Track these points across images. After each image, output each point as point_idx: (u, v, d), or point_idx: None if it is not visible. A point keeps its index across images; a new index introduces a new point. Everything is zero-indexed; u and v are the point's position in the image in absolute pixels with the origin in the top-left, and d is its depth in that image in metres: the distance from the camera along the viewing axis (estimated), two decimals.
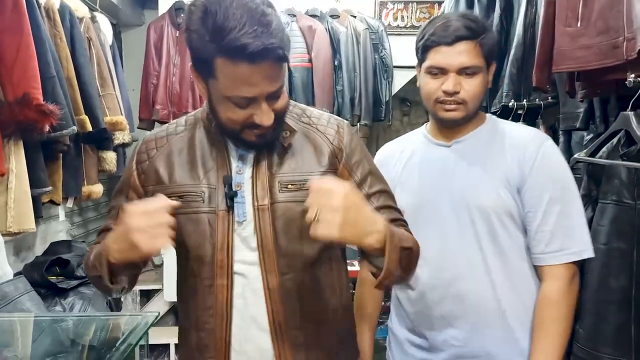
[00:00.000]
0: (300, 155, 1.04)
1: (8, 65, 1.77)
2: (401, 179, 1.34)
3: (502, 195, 1.22)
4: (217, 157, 1.02)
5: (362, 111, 3.21)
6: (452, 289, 1.25)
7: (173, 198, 0.97)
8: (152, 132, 1.11)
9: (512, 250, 1.24)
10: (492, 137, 1.28)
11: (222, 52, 0.86)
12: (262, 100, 0.92)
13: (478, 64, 1.22)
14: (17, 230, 1.80)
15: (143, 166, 1.05)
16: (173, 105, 3.09)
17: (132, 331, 1.11)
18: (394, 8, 3.39)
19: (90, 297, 2.25)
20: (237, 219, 0.99)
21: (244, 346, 1.00)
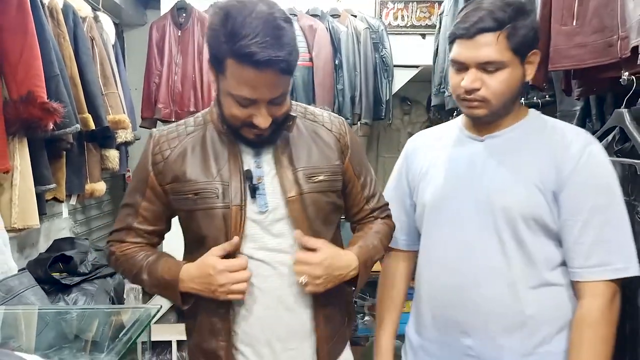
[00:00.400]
0: (315, 148, 1.15)
1: (12, 64, 1.80)
2: (428, 172, 1.26)
3: (533, 198, 1.11)
4: (229, 155, 1.10)
5: (362, 110, 3.23)
6: (470, 295, 1.15)
7: (189, 195, 1.08)
8: (161, 133, 1.16)
9: (541, 259, 1.13)
10: (531, 134, 1.16)
11: (233, 55, 0.95)
12: (263, 104, 1.01)
13: (501, 58, 1.08)
14: (21, 227, 1.83)
15: (159, 167, 1.12)
16: (175, 104, 3.12)
17: (135, 323, 1.13)
18: (394, 7, 3.41)
19: (93, 293, 2.27)
20: (259, 209, 1.09)
21: (273, 326, 1.11)
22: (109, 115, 2.58)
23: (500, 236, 1.13)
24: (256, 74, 0.95)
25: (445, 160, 1.24)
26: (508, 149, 1.16)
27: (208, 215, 1.07)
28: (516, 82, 1.12)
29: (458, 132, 1.25)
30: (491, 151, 1.18)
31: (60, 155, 2.21)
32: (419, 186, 1.27)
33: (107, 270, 2.47)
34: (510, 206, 1.12)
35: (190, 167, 1.09)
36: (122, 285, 2.58)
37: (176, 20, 3.15)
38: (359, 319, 2.96)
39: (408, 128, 4.25)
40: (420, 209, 1.27)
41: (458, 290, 1.17)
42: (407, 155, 1.34)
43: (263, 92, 0.99)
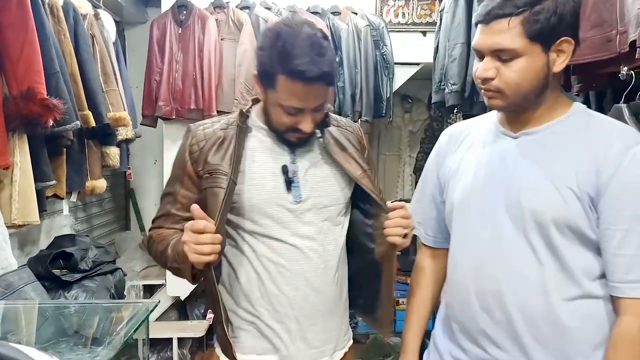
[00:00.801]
0: (345, 147, 1.28)
1: (13, 60, 1.80)
2: (459, 168, 1.18)
3: (567, 202, 1.01)
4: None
5: (362, 107, 3.23)
6: (499, 303, 1.07)
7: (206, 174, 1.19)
8: (198, 127, 1.26)
9: (578, 269, 1.03)
10: (571, 132, 1.05)
11: (285, 72, 1.10)
12: (308, 111, 1.16)
13: (514, 46, 0.99)
14: (21, 223, 1.84)
15: (194, 156, 1.23)
16: (176, 101, 3.12)
17: (132, 318, 1.14)
18: (395, 5, 3.41)
19: (93, 290, 2.28)
20: (294, 200, 1.21)
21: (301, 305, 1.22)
22: (109, 112, 2.58)
23: (531, 242, 1.05)
24: (305, 88, 1.11)
25: (476, 156, 1.16)
26: (543, 148, 1.06)
27: (213, 194, 1.17)
28: (535, 72, 1.01)
29: (492, 127, 1.16)
30: (525, 149, 1.08)
31: (61, 152, 2.22)
32: (449, 183, 1.20)
33: (108, 267, 2.48)
34: (542, 210, 1.03)
35: (216, 154, 1.21)
36: (123, 283, 2.59)
37: (177, 17, 3.16)
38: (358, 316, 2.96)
39: (409, 126, 4.25)
40: (449, 208, 1.20)
41: (487, 297, 1.09)
42: (439, 150, 1.28)
43: (309, 102, 1.14)
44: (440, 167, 1.25)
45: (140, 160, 3.91)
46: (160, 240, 1.22)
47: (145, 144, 3.63)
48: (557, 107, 1.08)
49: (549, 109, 1.07)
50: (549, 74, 1.02)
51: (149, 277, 3.59)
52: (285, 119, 1.17)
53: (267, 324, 1.23)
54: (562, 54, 1.02)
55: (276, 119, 1.19)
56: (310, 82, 1.10)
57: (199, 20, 3.11)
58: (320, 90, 1.14)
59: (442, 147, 1.27)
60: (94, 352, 1.04)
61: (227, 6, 3.19)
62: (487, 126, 1.18)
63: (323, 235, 1.24)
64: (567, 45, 1.01)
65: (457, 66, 2.39)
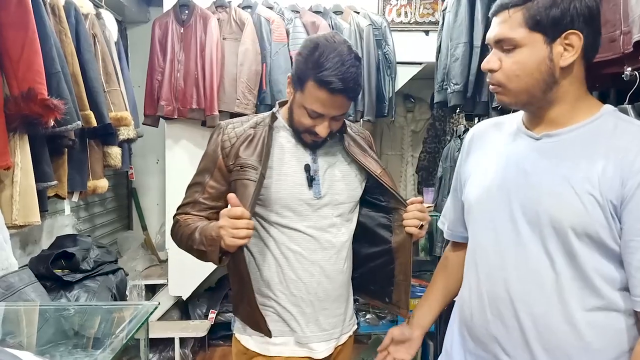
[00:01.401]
0: (365, 148, 1.42)
1: (13, 60, 1.80)
2: (478, 167, 1.16)
3: (588, 209, 0.95)
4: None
5: (365, 107, 3.21)
6: (511, 310, 1.04)
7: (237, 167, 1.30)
8: (229, 125, 1.38)
9: (598, 279, 0.98)
10: (597, 135, 0.99)
11: (315, 79, 1.23)
12: (327, 118, 1.28)
13: (513, 35, 0.98)
14: (22, 223, 1.83)
15: (226, 150, 1.34)
16: (177, 101, 3.12)
17: (132, 320, 1.13)
18: (398, 4, 3.40)
19: (95, 290, 2.28)
20: (315, 196, 1.33)
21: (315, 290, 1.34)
22: (111, 112, 2.58)
23: (548, 248, 1.00)
24: (329, 97, 1.23)
25: (496, 156, 1.12)
26: (565, 151, 1.01)
27: (243, 185, 1.28)
28: (536, 64, 0.98)
29: (516, 127, 1.12)
30: (546, 151, 1.03)
31: (62, 152, 2.22)
32: (467, 182, 1.19)
33: (110, 267, 2.48)
34: (560, 216, 0.98)
35: (247, 150, 1.32)
36: (125, 283, 2.59)
37: (179, 17, 3.15)
38: (361, 316, 2.96)
39: (411, 125, 4.24)
40: (467, 207, 1.18)
41: (499, 303, 1.06)
42: (463, 148, 1.27)
43: (330, 110, 1.27)
44: (463, 165, 1.24)
45: (142, 160, 3.91)
46: (187, 224, 1.31)
47: (147, 143, 3.63)
48: (582, 108, 1.03)
49: (572, 110, 1.02)
50: (553, 68, 0.98)
51: (151, 276, 3.60)
52: (305, 120, 1.29)
53: (285, 307, 1.34)
54: (570, 48, 0.97)
55: (297, 119, 1.31)
56: (333, 93, 1.23)
57: (201, 19, 3.11)
58: (341, 102, 1.26)
59: (465, 146, 1.25)
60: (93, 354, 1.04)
61: (229, 5, 3.18)
62: (511, 126, 1.14)
63: (336, 228, 1.36)
64: (575, 38, 0.96)
65: (459, 66, 2.38)
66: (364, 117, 3.23)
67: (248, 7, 3.23)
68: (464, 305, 1.18)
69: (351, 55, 1.24)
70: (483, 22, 2.26)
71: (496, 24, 1.02)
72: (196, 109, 3.10)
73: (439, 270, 1.37)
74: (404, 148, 4.27)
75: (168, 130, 3.32)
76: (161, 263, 3.73)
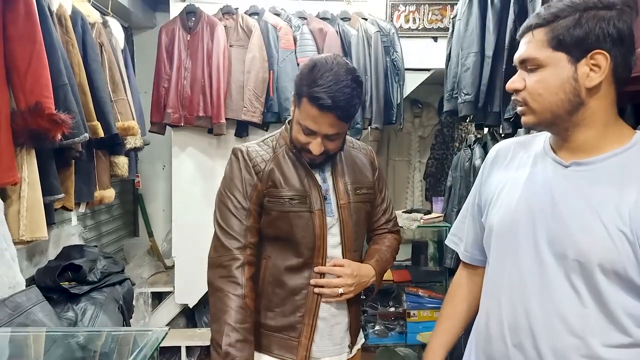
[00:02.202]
0: (359, 169, 1.50)
1: (21, 74, 1.78)
2: (502, 191, 1.12)
3: (617, 246, 0.92)
4: (306, 171, 1.40)
5: (372, 115, 3.18)
6: (533, 343, 1.01)
7: (286, 199, 1.37)
8: (250, 150, 1.42)
9: (624, 316, 0.95)
10: (630, 166, 0.96)
11: (308, 96, 1.27)
12: (320, 136, 1.31)
13: (537, 55, 0.98)
14: (29, 239, 1.81)
15: (259, 175, 1.39)
16: (184, 108, 3.10)
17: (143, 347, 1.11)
18: (406, 10, 3.36)
19: (102, 302, 2.26)
20: (327, 215, 1.40)
21: (331, 304, 1.43)
22: (118, 122, 2.56)
23: (573, 283, 0.97)
24: (319, 114, 1.27)
25: (522, 181, 1.08)
26: (596, 182, 0.97)
27: (299, 216, 1.37)
28: (560, 83, 0.96)
29: (543, 151, 1.08)
30: (575, 181, 0.99)
31: (69, 164, 2.20)
32: (490, 205, 1.15)
33: (117, 278, 2.46)
34: (587, 252, 0.94)
35: (282, 177, 1.39)
36: (131, 293, 2.57)
37: (185, 24, 3.13)
38: (369, 327, 2.93)
39: (419, 131, 4.21)
40: (488, 231, 1.14)
41: (520, 332, 1.03)
42: (485, 166, 1.22)
43: (321, 127, 1.29)
44: (484, 184, 1.20)
45: (148, 166, 3.90)
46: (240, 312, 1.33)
47: (154, 149, 3.61)
48: (611, 134, 0.99)
49: (601, 136, 0.99)
50: (578, 88, 0.96)
51: (157, 283, 3.58)
52: (300, 137, 1.34)
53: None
54: (597, 69, 0.95)
55: (294, 135, 1.36)
56: (322, 110, 1.26)
57: (208, 26, 3.08)
58: (332, 121, 1.28)
59: (487, 164, 1.21)
60: None
61: (236, 12, 3.16)
62: (538, 149, 1.10)
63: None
64: (602, 59, 0.94)
65: (470, 76, 2.35)
66: (372, 125, 3.20)
67: (255, 14, 3.20)
68: (481, 331, 1.15)
69: (348, 77, 1.27)
70: (495, 32, 2.22)
71: (521, 45, 1.03)
72: (203, 117, 3.08)
73: (453, 297, 1.31)
74: (411, 154, 4.23)
75: (175, 137, 3.30)
76: (167, 270, 3.71)
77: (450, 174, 3.05)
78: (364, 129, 3.22)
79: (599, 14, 0.94)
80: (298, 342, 1.40)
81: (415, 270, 3.25)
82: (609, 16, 0.94)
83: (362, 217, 1.49)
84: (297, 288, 1.40)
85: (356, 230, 1.46)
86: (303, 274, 1.40)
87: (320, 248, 1.39)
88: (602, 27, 0.94)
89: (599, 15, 0.94)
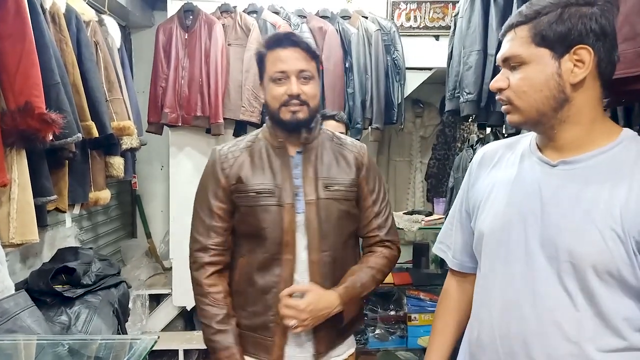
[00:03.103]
0: (336, 165, 1.45)
1: (10, 73, 1.73)
2: (490, 194, 1.10)
3: (609, 246, 0.90)
4: (282, 166, 1.40)
5: (373, 114, 3.14)
6: (526, 349, 0.99)
7: (252, 193, 1.38)
8: (224, 149, 1.46)
9: (619, 319, 0.93)
10: (618, 163, 0.95)
11: (268, 48, 1.37)
12: (293, 75, 1.34)
13: (519, 52, 0.97)
14: (19, 242, 1.77)
15: (225, 172, 1.42)
16: (182, 108, 3.05)
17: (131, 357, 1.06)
18: (407, 8, 3.31)
19: (96, 305, 2.21)
20: (297, 211, 1.38)
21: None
22: (113, 122, 2.51)
23: (566, 286, 0.95)
24: (283, 52, 1.34)
25: (510, 183, 1.06)
26: (585, 181, 0.96)
27: (266, 211, 1.37)
28: (544, 80, 0.96)
29: (530, 151, 1.06)
30: (564, 181, 0.98)
31: (62, 165, 2.15)
32: (478, 209, 1.12)
33: (112, 281, 2.41)
34: (580, 253, 0.93)
35: (251, 172, 1.40)
36: (127, 296, 2.52)
37: (183, 22, 3.09)
38: (369, 331, 2.88)
39: (420, 131, 4.16)
40: (478, 236, 1.12)
41: (513, 342, 1.01)
42: (471, 171, 1.20)
43: (290, 63, 1.33)
44: (471, 189, 1.18)
45: (146, 166, 3.85)
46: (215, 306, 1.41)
47: (151, 149, 3.57)
48: (598, 131, 0.98)
49: (588, 133, 0.98)
50: (563, 84, 0.95)
51: (155, 285, 3.53)
52: (276, 90, 1.35)
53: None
54: (581, 64, 0.94)
55: (271, 98, 1.37)
56: (285, 46, 1.34)
57: (206, 25, 3.04)
58: (297, 54, 1.34)
59: (474, 168, 1.19)
60: None
61: (235, 11, 3.11)
62: (524, 150, 1.08)
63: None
64: (585, 54, 0.94)
65: (472, 74, 2.29)
66: (373, 125, 3.16)
67: (254, 13, 3.16)
68: (473, 340, 1.12)
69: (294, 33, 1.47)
70: (498, 29, 2.17)
71: (504, 44, 1.02)
72: (201, 117, 3.03)
73: (444, 308, 1.27)
74: (412, 154, 4.18)
75: (172, 137, 3.26)
76: (165, 271, 3.66)
77: (452, 175, 3.00)
78: (365, 129, 3.18)
79: (581, 10, 0.94)
80: (272, 342, 1.39)
81: (416, 272, 3.21)
82: (591, 12, 0.93)
83: (336, 215, 1.41)
84: (267, 287, 1.38)
85: (327, 228, 1.39)
86: (273, 272, 1.37)
87: (289, 244, 1.36)
88: (584, 22, 0.93)
89: (581, 11, 0.94)
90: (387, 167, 4.19)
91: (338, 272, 1.43)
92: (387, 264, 1.49)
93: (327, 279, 1.39)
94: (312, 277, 1.38)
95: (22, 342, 1.31)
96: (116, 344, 1.29)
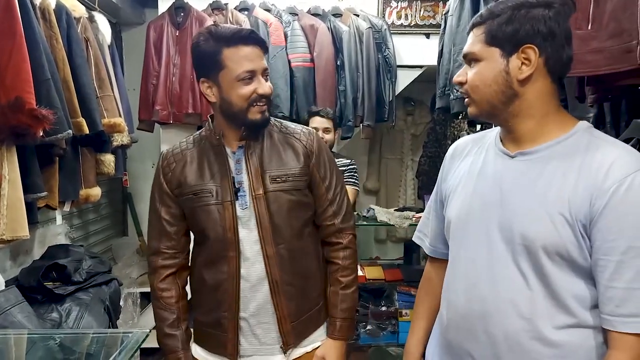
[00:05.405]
0: (283, 155, 1.40)
1: (0, 68, 1.72)
2: (458, 185, 1.18)
3: (558, 229, 0.98)
4: (219, 164, 1.38)
5: (364, 112, 3.15)
6: (486, 327, 1.07)
7: (190, 194, 1.37)
8: (168, 152, 1.45)
9: (569, 297, 1.00)
10: (570, 153, 1.02)
11: (228, 45, 1.28)
12: (259, 73, 1.31)
13: (474, 50, 1.05)
14: (10, 238, 1.76)
15: (167, 177, 1.41)
16: (173, 105, 3.05)
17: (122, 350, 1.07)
18: (398, 6, 3.33)
19: (87, 302, 2.20)
20: (241, 207, 1.36)
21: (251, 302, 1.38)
22: (104, 118, 2.50)
23: (521, 268, 1.02)
24: (248, 49, 1.29)
25: (476, 173, 1.14)
26: (539, 170, 1.03)
27: (205, 211, 1.36)
28: (493, 76, 1.03)
29: (494, 144, 1.14)
30: (521, 170, 1.05)
31: (53, 161, 2.14)
32: (448, 199, 1.21)
33: (103, 278, 2.41)
34: (531, 236, 1.00)
35: (191, 174, 1.38)
36: (118, 293, 2.51)
37: (174, 19, 3.08)
38: (360, 327, 2.90)
39: (411, 129, 4.18)
40: (447, 224, 1.20)
41: (474, 319, 1.08)
42: (444, 164, 1.28)
43: (257, 63, 1.30)
44: (444, 180, 1.26)
45: (138, 164, 3.84)
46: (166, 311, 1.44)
47: (143, 147, 3.55)
48: (552, 123, 1.05)
49: (542, 127, 1.05)
50: (510, 80, 1.03)
51: (146, 284, 3.50)
52: (244, 90, 1.30)
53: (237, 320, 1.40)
54: (528, 62, 1.02)
55: (237, 98, 1.31)
56: (249, 43, 1.29)
57: (197, 22, 3.03)
58: (259, 52, 1.31)
59: (447, 161, 1.28)
60: None
61: (226, 8, 3.11)
62: (490, 143, 1.17)
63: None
64: (531, 53, 1.01)
65: None
66: (364, 122, 3.17)
67: (245, 10, 3.16)
68: (442, 320, 1.20)
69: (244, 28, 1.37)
70: None
71: (467, 42, 1.10)
72: (192, 114, 3.03)
73: (425, 293, 1.35)
74: (403, 152, 4.20)
75: (163, 135, 3.25)
76: None
77: None
78: (356, 127, 3.19)
79: (531, 12, 1.01)
80: (226, 337, 1.40)
81: (407, 269, 3.22)
82: (542, 14, 1.00)
83: (287, 207, 1.38)
84: (216, 284, 1.39)
85: (279, 221, 1.37)
86: (220, 269, 1.38)
87: (231, 241, 1.35)
88: (532, 24, 1.00)
89: (530, 13, 1.01)
90: (379, 165, 4.21)
91: (297, 263, 1.41)
92: (350, 265, 1.48)
93: (287, 271, 1.38)
94: (271, 271, 1.37)
95: (13, 337, 1.31)
96: (108, 338, 1.29)
